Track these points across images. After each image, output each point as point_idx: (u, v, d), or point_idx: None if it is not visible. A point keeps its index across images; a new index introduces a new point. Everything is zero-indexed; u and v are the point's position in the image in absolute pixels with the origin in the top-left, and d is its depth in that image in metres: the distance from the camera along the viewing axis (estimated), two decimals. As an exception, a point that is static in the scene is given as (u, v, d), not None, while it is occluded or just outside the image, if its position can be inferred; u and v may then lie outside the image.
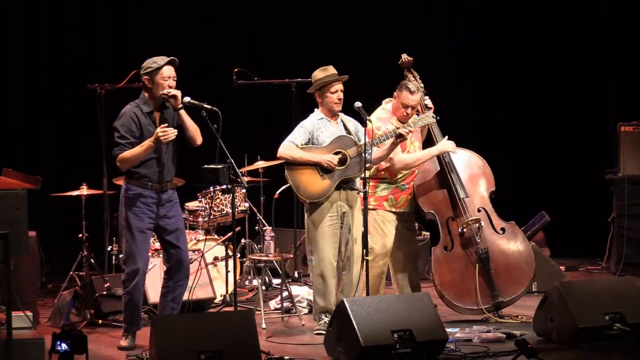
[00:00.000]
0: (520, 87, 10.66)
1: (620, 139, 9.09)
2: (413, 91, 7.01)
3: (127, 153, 6.22)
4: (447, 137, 7.09)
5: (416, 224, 9.00)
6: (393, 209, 7.08)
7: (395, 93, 7.11)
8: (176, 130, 6.24)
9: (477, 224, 7.00)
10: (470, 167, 7.19)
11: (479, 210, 7.08)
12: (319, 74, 6.86)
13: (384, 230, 7.05)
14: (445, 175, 7.11)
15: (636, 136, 9.04)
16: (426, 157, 7.08)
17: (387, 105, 7.18)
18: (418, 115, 7.12)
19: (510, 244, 7.08)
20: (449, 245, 7.10)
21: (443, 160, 7.12)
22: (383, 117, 7.07)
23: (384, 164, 6.98)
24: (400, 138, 6.75)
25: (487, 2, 10.66)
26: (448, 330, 6.23)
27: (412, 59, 7.33)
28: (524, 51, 10.65)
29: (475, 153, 7.25)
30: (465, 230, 7.02)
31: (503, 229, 7.09)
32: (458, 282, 7.05)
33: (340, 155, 6.76)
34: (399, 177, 7.08)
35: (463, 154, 7.22)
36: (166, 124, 6.26)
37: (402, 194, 7.10)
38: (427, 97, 7.25)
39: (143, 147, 6.22)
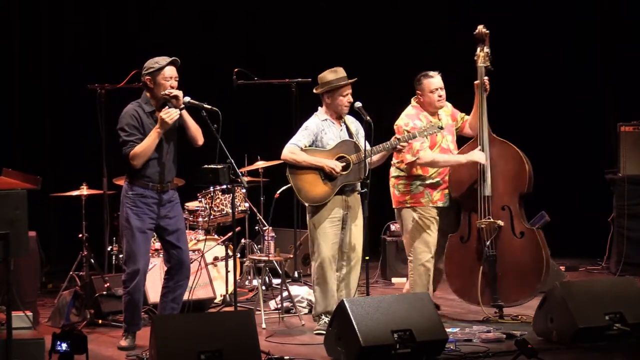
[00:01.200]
0: (520, 87, 10.65)
1: (620, 139, 9.09)
2: (433, 75, 7.02)
3: (138, 148, 6.22)
4: (479, 147, 6.96)
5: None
6: (431, 205, 7.02)
7: (417, 91, 7.06)
8: (178, 110, 6.25)
9: (495, 225, 6.90)
10: (505, 163, 7.01)
11: (503, 209, 6.96)
12: (329, 76, 6.79)
13: (424, 226, 6.99)
14: (477, 169, 6.97)
15: (636, 136, 9.04)
16: (454, 162, 6.98)
17: (414, 102, 7.12)
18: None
19: (525, 250, 6.92)
20: (466, 236, 7.05)
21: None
22: (411, 114, 7.04)
23: (408, 157, 6.91)
24: (396, 150, 6.76)
25: (487, 2, 10.65)
26: (448, 330, 6.23)
27: (488, 31, 7.19)
28: (524, 51, 10.65)
29: (519, 150, 7.05)
30: (483, 227, 6.96)
31: (522, 233, 6.94)
32: (465, 275, 7.01)
33: (344, 164, 6.76)
34: (432, 173, 7.01)
35: (504, 148, 7.03)
36: (167, 107, 6.27)
37: (436, 189, 7.04)
38: (486, 77, 7.13)
39: (151, 137, 6.23)
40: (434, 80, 7.03)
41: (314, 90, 6.89)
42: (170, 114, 6.20)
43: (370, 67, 10.34)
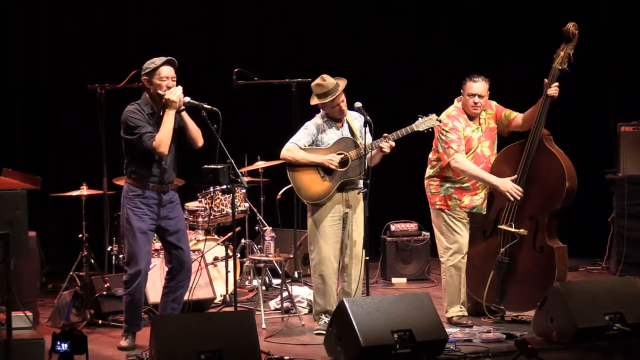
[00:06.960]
0: (520, 87, 10.64)
1: (620, 139, 9.09)
2: (476, 80, 6.95)
3: (159, 135, 6.21)
4: (516, 177, 6.82)
5: (415, 225, 9.05)
6: (458, 208, 6.96)
7: (462, 90, 7.01)
8: (180, 87, 6.23)
9: (516, 234, 6.82)
10: (546, 175, 6.85)
11: (530, 219, 6.85)
12: (317, 89, 6.76)
13: (454, 227, 6.95)
14: (517, 169, 6.87)
15: (636, 136, 9.04)
16: (483, 179, 6.87)
17: (458, 103, 7.07)
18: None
19: (538, 266, 6.82)
20: (488, 230, 7.01)
21: (526, 154, 6.84)
22: (452, 114, 6.98)
23: (445, 158, 6.86)
24: (381, 150, 6.67)
25: (486, 2, 10.65)
26: (448, 330, 6.23)
27: (577, 32, 7.06)
28: (524, 51, 10.64)
29: (565, 166, 6.84)
30: (503, 230, 6.90)
31: (542, 248, 6.83)
32: (477, 268, 6.97)
33: (342, 156, 6.76)
34: (462, 177, 6.95)
35: (551, 160, 6.88)
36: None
37: (465, 194, 6.98)
38: (557, 83, 7.09)
39: (166, 122, 6.21)
40: (475, 85, 6.94)
41: (311, 102, 6.88)
42: (173, 92, 6.18)
43: (370, 65, 10.35)
